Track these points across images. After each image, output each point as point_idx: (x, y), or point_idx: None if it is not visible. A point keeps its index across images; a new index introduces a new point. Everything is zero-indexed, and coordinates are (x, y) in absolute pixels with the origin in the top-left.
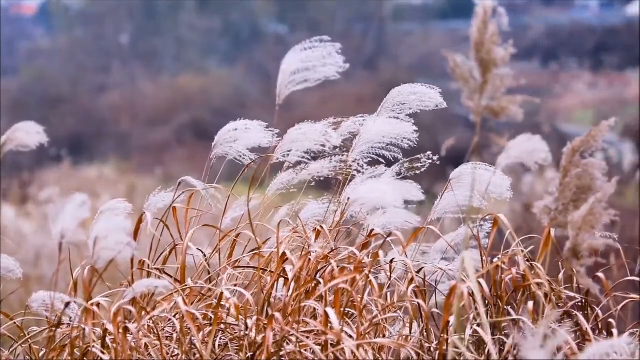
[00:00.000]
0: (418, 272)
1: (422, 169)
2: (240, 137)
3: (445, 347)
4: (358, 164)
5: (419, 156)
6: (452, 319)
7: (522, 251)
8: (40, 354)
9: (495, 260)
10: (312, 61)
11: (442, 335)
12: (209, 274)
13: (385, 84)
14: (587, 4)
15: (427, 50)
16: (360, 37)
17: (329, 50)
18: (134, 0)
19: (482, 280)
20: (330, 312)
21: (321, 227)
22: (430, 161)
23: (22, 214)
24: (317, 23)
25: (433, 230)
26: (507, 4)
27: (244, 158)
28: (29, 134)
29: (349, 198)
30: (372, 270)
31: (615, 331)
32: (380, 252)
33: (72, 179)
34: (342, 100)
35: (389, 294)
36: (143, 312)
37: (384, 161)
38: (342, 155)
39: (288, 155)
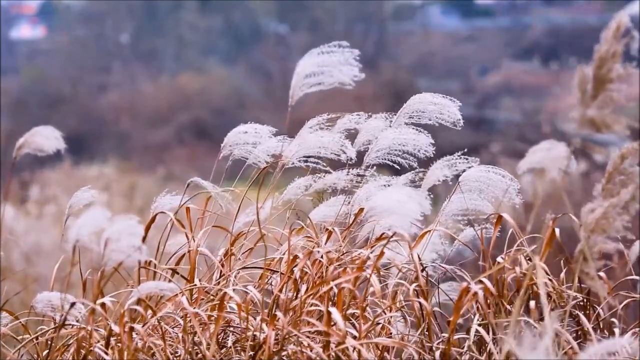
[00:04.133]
0: (422, 270)
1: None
2: (255, 142)
3: (450, 348)
4: (370, 170)
5: (424, 170)
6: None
7: (525, 250)
8: (44, 354)
9: (498, 259)
10: (329, 65)
11: (450, 335)
12: (220, 275)
13: (386, 84)
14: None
15: (427, 50)
16: (361, 37)
17: (346, 57)
18: (134, 0)
19: (485, 280)
20: (334, 311)
21: (333, 229)
22: (444, 178)
23: (22, 213)
24: (317, 23)
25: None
26: (507, 4)
27: (259, 162)
28: (47, 139)
29: (363, 206)
30: (378, 270)
31: (617, 330)
32: (387, 252)
33: (72, 178)
34: (342, 100)
35: (391, 293)
36: (149, 312)
37: (398, 167)
38: (359, 168)
39: (305, 161)
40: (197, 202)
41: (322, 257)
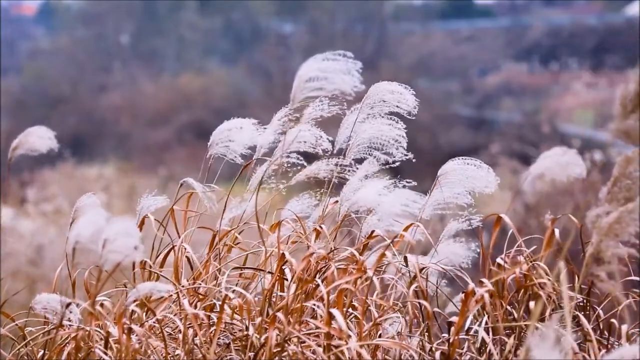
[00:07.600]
0: (421, 271)
1: (397, 164)
2: (234, 137)
3: (454, 350)
4: (351, 164)
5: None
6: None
7: (525, 251)
8: (39, 355)
9: (498, 260)
10: (331, 72)
11: (455, 337)
12: (206, 274)
13: None
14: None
15: (427, 50)
16: (361, 37)
17: (349, 66)
18: (135, 0)
19: (486, 281)
20: (336, 313)
21: (320, 227)
22: (406, 157)
23: (21, 214)
24: (317, 23)
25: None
26: (507, 4)
27: (236, 158)
28: (41, 139)
29: (345, 200)
30: (374, 270)
31: (623, 327)
32: (387, 253)
33: (73, 179)
34: (342, 100)
35: (390, 294)
36: (147, 313)
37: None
38: (339, 158)
39: (288, 156)
40: (191, 203)
41: (312, 256)
